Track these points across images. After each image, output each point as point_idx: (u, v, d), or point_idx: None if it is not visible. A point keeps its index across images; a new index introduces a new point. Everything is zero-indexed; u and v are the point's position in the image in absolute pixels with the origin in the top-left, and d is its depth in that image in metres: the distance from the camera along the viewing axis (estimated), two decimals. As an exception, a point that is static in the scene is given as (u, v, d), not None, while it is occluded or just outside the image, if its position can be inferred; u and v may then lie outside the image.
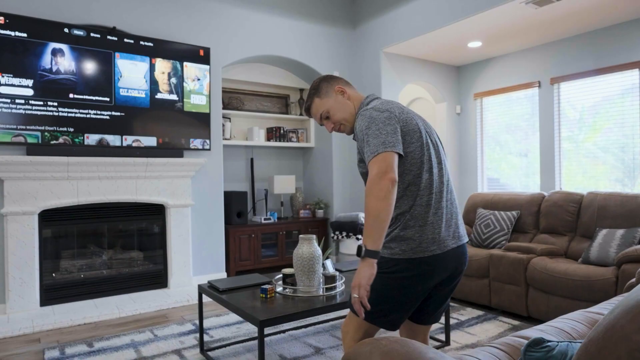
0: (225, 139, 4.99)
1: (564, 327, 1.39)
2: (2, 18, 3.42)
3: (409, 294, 1.54)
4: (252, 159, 5.35)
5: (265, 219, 5.03)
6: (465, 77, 5.76)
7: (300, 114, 5.68)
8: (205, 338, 3.05)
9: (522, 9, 3.85)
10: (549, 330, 1.36)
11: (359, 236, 4.88)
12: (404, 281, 1.52)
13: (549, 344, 1.06)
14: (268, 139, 5.45)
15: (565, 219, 3.59)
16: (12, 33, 3.46)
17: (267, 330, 3.16)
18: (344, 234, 4.98)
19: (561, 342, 1.08)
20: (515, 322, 3.25)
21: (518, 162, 5.23)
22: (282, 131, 5.42)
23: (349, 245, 4.97)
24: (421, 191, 1.54)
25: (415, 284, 1.53)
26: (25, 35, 3.51)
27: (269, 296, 2.40)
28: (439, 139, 1.70)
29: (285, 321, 2.12)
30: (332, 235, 5.13)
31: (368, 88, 5.30)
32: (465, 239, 1.64)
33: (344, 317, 3.43)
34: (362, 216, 4.96)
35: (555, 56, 4.76)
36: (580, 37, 4.54)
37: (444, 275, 1.57)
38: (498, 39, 4.69)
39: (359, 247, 1.43)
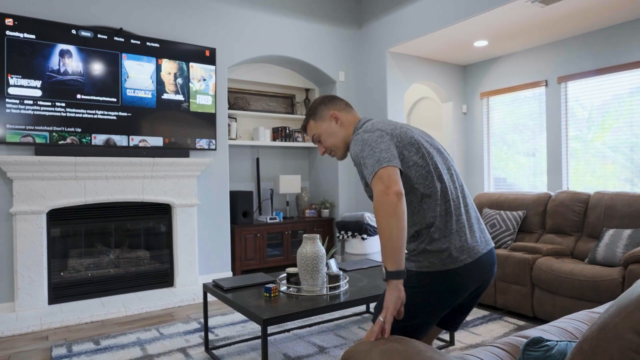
0: (231, 139, 5.01)
1: (567, 327, 1.38)
2: (11, 20, 3.47)
3: (440, 308, 1.48)
4: (257, 159, 5.37)
5: (270, 219, 5.05)
6: (471, 76, 5.74)
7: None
8: (210, 336, 3.07)
9: (528, 8, 3.82)
10: (552, 330, 1.36)
11: (364, 236, 4.87)
12: (434, 296, 1.47)
13: (547, 343, 1.05)
14: (274, 139, 5.47)
15: (571, 219, 3.56)
16: (21, 35, 3.51)
17: (271, 329, 3.17)
18: (349, 233, 4.98)
19: (560, 341, 1.07)
20: (521, 323, 3.23)
21: (525, 161, 5.19)
22: (287, 131, 5.43)
23: (354, 245, 4.97)
24: (438, 201, 1.49)
25: (446, 297, 1.47)
26: (33, 36, 3.56)
27: (272, 295, 2.41)
28: (442, 147, 1.66)
29: (288, 320, 2.13)
30: (338, 235, 5.13)
31: (374, 88, 5.30)
32: (492, 244, 1.59)
33: (348, 316, 3.43)
34: (367, 215, 4.96)
35: (562, 55, 4.72)
36: (587, 35, 4.49)
37: (475, 286, 1.51)
38: (504, 38, 4.66)
39: (382, 270, 1.39)
